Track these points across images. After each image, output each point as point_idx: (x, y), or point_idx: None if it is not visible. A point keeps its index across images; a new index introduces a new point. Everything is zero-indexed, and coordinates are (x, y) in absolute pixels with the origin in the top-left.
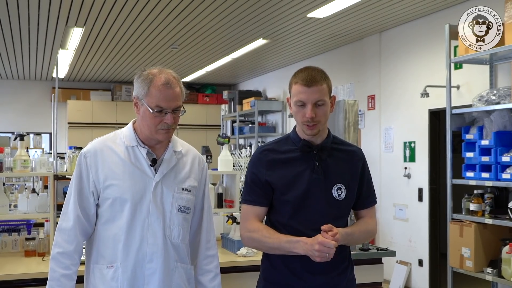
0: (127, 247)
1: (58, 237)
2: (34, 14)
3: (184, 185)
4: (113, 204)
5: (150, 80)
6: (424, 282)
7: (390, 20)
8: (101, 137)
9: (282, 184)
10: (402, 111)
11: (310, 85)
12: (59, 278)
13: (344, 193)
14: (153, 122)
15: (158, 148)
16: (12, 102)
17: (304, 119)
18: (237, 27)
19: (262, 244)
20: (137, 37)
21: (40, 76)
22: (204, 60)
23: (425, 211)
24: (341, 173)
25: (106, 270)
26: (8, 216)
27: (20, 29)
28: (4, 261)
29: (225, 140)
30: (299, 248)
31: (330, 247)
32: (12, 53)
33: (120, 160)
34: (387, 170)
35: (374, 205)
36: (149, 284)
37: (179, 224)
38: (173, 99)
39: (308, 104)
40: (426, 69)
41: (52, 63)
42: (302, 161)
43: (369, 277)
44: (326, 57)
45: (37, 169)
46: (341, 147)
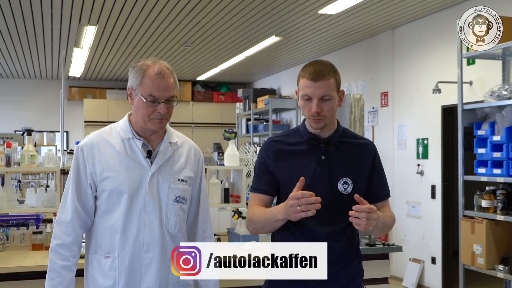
0: (124, 238)
1: (57, 229)
2: (47, 13)
3: (180, 175)
4: (110, 195)
5: (144, 70)
6: (437, 280)
7: (403, 16)
8: (97, 130)
9: (286, 176)
10: (415, 108)
11: (316, 80)
12: (58, 269)
13: (350, 187)
14: (146, 112)
15: (153, 139)
16: (29, 100)
17: (310, 113)
18: (249, 24)
19: (255, 223)
20: (149, 35)
21: (56, 75)
22: (218, 58)
23: (438, 208)
24: (348, 167)
25: (104, 261)
26: (16, 210)
27: (34, 28)
28: (11, 254)
29: (232, 136)
30: (279, 214)
31: (297, 197)
32: (28, 53)
33: (116, 153)
34: (400, 167)
35: (387, 198)
36: (147, 273)
37: (175, 214)
38: (166, 89)
39: (314, 98)
40: (439, 65)
41: (67, 62)
42: (308, 154)
43: (375, 272)
44: (340, 54)
45: (44, 164)
46: (351, 140)
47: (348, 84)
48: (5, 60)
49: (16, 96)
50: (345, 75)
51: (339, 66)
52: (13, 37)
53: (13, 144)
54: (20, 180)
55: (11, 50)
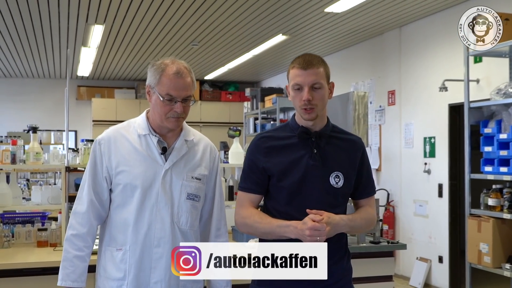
0: (136, 231)
1: (72, 220)
2: (54, 12)
3: (194, 173)
4: (124, 189)
5: (162, 69)
6: (444, 279)
7: (410, 15)
8: (115, 125)
9: (278, 170)
10: (422, 106)
11: (306, 68)
12: (71, 259)
13: (342, 181)
14: (163, 110)
15: (169, 136)
16: (37, 100)
17: (301, 102)
18: (256, 22)
19: (255, 229)
20: (156, 34)
21: (65, 74)
22: (225, 57)
23: (445, 207)
24: (339, 161)
25: (116, 253)
26: (21, 207)
27: (42, 27)
28: (16, 251)
29: (236, 133)
30: (289, 232)
31: (321, 229)
32: (37, 53)
33: (132, 148)
34: (407, 166)
35: (373, 195)
36: (156, 268)
37: (187, 211)
38: (183, 88)
39: (304, 86)
40: (447, 63)
41: (75, 61)
42: (300, 148)
43: (379, 270)
44: (347, 53)
45: (50, 162)
46: (341, 135)
47: (356, 82)
48: (14, 60)
49: (25, 95)
50: (352, 73)
51: (346, 65)
52: (21, 37)
53: (18, 142)
54: (29, 179)
55: (19, 50)
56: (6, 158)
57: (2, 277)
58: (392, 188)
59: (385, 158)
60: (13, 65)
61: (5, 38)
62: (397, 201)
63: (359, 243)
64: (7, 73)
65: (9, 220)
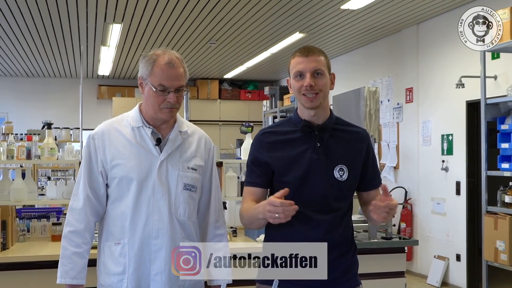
0: (133, 224)
1: (69, 217)
2: (73, 11)
3: (190, 164)
4: (119, 183)
5: (154, 60)
6: (462, 277)
7: (427, 11)
8: (109, 120)
9: (282, 165)
10: (440, 104)
11: (307, 55)
12: (70, 256)
13: (346, 174)
14: (156, 101)
15: (163, 128)
16: (61, 99)
17: (302, 88)
18: (273, 20)
19: (245, 219)
20: (174, 33)
21: (86, 74)
22: (243, 56)
23: (463, 204)
24: (343, 154)
25: (114, 247)
26: (36, 202)
27: (61, 27)
28: (31, 245)
29: (248, 129)
30: (259, 213)
31: (276, 205)
32: (57, 53)
33: (126, 141)
34: (424, 163)
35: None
36: (156, 259)
37: (184, 201)
38: (176, 78)
39: (306, 73)
40: (464, 60)
41: (96, 61)
42: (303, 142)
43: (391, 266)
44: (365, 50)
45: (64, 157)
46: (345, 128)
47: (373, 80)
48: (36, 60)
49: (47, 94)
50: (370, 71)
51: (364, 63)
52: (42, 37)
53: (33, 138)
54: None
55: (41, 51)
56: (22, 153)
57: (16, 270)
58: (409, 186)
59: (402, 156)
60: (35, 65)
61: (27, 39)
62: (414, 199)
63: (370, 239)
64: (29, 73)
65: (26, 214)
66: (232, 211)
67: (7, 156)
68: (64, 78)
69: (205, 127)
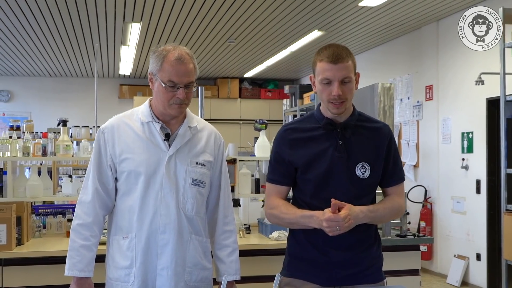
0: (141, 219)
1: (78, 209)
2: (92, 11)
3: (198, 159)
4: (128, 177)
5: (164, 56)
6: (482, 277)
7: (447, 8)
8: (119, 114)
9: (304, 162)
10: (460, 101)
11: (336, 62)
12: (78, 248)
13: (368, 172)
14: (166, 97)
15: (173, 123)
16: (84, 98)
17: (330, 97)
18: (291, 18)
19: (281, 220)
20: (193, 31)
21: (107, 73)
22: (262, 54)
23: (483, 203)
24: (365, 151)
25: (122, 241)
26: (51, 198)
27: (82, 28)
28: (46, 241)
29: (262, 126)
30: (312, 222)
31: (337, 221)
32: (79, 52)
33: (135, 135)
34: (444, 162)
35: (402, 182)
36: (163, 254)
37: (192, 197)
38: (185, 74)
39: (334, 81)
40: (484, 56)
41: (116, 60)
42: (325, 140)
43: (405, 264)
44: (385, 48)
45: (80, 154)
46: (367, 124)
47: (393, 78)
48: (58, 60)
49: (68, 93)
50: (390, 69)
51: (384, 60)
52: (63, 38)
53: (49, 135)
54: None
55: (63, 51)
56: (38, 150)
57: (30, 265)
58: (429, 184)
59: (422, 154)
60: (57, 65)
61: (48, 40)
62: (434, 198)
63: (384, 236)
64: (52, 73)
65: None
66: (246, 208)
67: (23, 153)
68: (85, 78)
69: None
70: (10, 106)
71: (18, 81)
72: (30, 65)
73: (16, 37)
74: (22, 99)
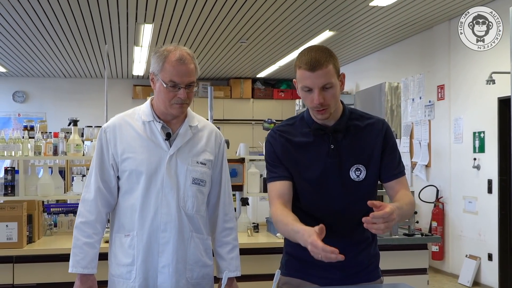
0: (142, 217)
1: (81, 208)
2: (104, 12)
3: (199, 158)
4: (129, 176)
5: (165, 56)
6: (494, 277)
7: (459, 7)
8: (121, 113)
9: (296, 170)
10: (472, 101)
11: (314, 69)
12: (81, 246)
13: (363, 173)
14: (167, 97)
15: (174, 123)
16: (98, 98)
17: (312, 104)
18: (302, 18)
19: (278, 228)
20: (205, 32)
21: (121, 74)
22: (274, 55)
23: (495, 203)
24: (358, 152)
25: (124, 239)
26: (62, 196)
27: (95, 29)
28: (57, 239)
29: (271, 126)
30: (299, 239)
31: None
32: (92, 54)
33: (136, 134)
34: (456, 161)
35: (403, 176)
36: (164, 252)
37: (193, 196)
38: (186, 74)
39: (314, 89)
40: (496, 56)
41: (130, 61)
42: (317, 145)
43: (413, 263)
44: (396, 48)
45: (90, 153)
46: (359, 122)
47: (405, 78)
48: (72, 61)
49: (84, 94)
50: (402, 69)
51: (396, 60)
52: (77, 39)
53: (59, 134)
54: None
55: (76, 52)
56: (49, 150)
57: (40, 262)
58: (441, 184)
59: (434, 154)
60: (72, 65)
61: (62, 41)
62: (446, 198)
63: (392, 235)
64: (66, 74)
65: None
66: (254, 207)
67: (34, 152)
68: (99, 79)
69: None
70: (25, 107)
71: (33, 82)
72: (45, 66)
73: (31, 39)
74: (37, 100)
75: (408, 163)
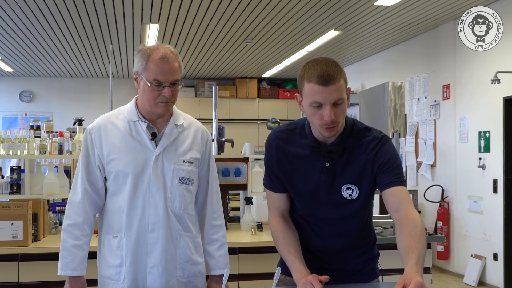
0: (130, 218)
1: (68, 210)
2: (110, 12)
3: (185, 157)
4: (116, 177)
5: (148, 55)
6: (499, 277)
7: (464, 6)
8: (106, 113)
9: (288, 181)
10: (477, 100)
11: (327, 84)
12: (70, 248)
13: (356, 192)
14: (151, 96)
15: (159, 122)
16: (104, 98)
17: (322, 121)
18: (307, 17)
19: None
20: (210, 32)
21: (127, 74)
22: (280, 54)
23: (500, 203)
24: (352, 172)
25: (112, 240)
26: (67, 195)
27: (101, 29)
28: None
29: (275, 125)
30: (291, 269)
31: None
32: (99, 53)
33: (122, 135)
34: (461, 161)
35: (400, 186)
36: (152, 252)
37: (180, 195)
38: (170, 72)
39: (326, 105)
40: (502, 55)
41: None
42: (311, 161)
43: None
44: (401, 47)
45: None
46: (357, 140)
47: (411, 77)
48: (78, 61)
49: (90, 93)
50: (407, 68)
51: (401, 60)
52: (83, 39)
53: (65, 134)
54: None
55: (82, 52)
56: (54, 149)
57: (45, 260)
58: (446, 184)
59: (439, 153)
60: (78, 65)
61: (68, 41)
62: (451, 197)
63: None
64: (73, 73)
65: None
66: (258, 206)
67: (40, 151)
68: (105, 78)
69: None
70: (32, 107)
71: (39, 82)
72: (51, 66)
73: (38, 39)
74: (44, 99)
75: (413, 162)
